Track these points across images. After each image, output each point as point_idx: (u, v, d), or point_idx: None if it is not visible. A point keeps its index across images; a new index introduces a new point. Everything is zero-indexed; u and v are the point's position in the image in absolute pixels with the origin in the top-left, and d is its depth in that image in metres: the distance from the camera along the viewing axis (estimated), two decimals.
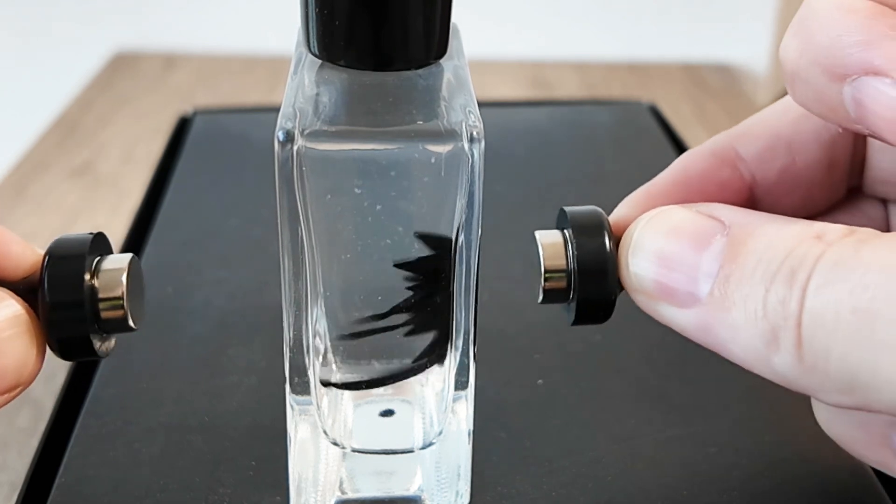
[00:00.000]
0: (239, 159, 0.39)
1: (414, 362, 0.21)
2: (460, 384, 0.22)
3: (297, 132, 0.19)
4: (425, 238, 0.20)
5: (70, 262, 0.19)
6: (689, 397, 0.27)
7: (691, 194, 0.22)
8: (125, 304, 0.19)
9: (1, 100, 0.76)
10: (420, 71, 0.20)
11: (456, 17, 0.20)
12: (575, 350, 0.28)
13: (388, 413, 0.22)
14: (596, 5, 0.73)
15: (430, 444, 0.22)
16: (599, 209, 0.21)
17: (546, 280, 0.20)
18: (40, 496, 0.23)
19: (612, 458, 0.24)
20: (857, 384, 0.16)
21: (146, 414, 0.26)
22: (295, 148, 0.19)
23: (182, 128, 0.42)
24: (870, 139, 0.23)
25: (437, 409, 0.22)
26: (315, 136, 0.19)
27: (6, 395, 0.19)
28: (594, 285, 0.20)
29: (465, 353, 0.21)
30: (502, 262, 0.32)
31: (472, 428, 0.22)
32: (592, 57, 0.73)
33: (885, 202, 0.24)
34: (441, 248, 0.20)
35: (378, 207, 0.20)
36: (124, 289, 0.19)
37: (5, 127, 0.71)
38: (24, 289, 0.19)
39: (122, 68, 0.70)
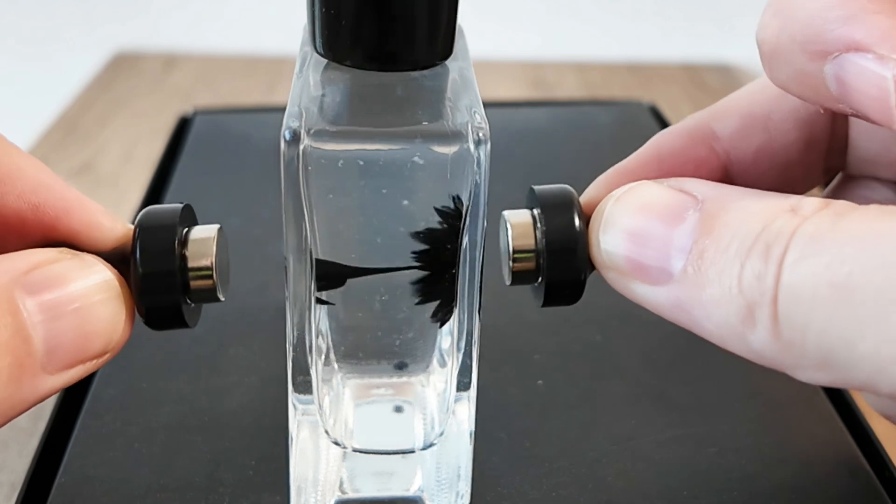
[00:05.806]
0: (239, 159, 0.39)
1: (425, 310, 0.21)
2: (462, 385, 0.22)
3: (303, 132, 0.19)
4: (440, 212, 0.20)
5: (161, 231, 0.19)
6: (689, 397, 0.27)
7: (664, 173, 0.21)
8: (214, 274, 0.20)
9: (1, 100, 0.76)
10: (425, 72, 0.20)
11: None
12: (575, 350, 0.28)
13: (399, 409, 0.22)
14: (596, 5, 0.73)
15: (431, 444, 0.22)
16: (570, 187, 0.20)
17: (514, 261, 0.20)
18: (40, 496, 0.23)
19: (612, 458, 0.24)
20: (835, 360, 0.16)
21: (146, 414, 0.26)
22: (301, 147, 0.19)
23: (182, 128, 0.42)
24: (852, 119, 0.22)
25: (438, 410, 0.22)
26: (320, 135, 0.19)
27: (95, 361, 0.19)
28: (563, 265, 0.19)
29: (467, 354, 0.21)
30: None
31: (473, 429, 0.22)
32: (592, 57, 0.73)
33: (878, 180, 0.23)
34: (453, 220, 0.20)
35: (382, 207, 0.20)
36: (213, 259, 0.20)
37: (6, 127, 0.71)
38: (116, 259, 0.19)
39: (123, 68, 0.70)
